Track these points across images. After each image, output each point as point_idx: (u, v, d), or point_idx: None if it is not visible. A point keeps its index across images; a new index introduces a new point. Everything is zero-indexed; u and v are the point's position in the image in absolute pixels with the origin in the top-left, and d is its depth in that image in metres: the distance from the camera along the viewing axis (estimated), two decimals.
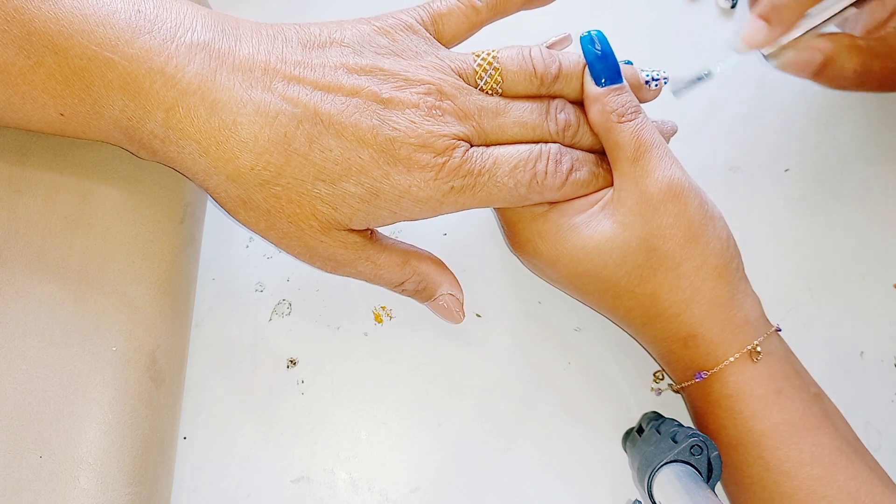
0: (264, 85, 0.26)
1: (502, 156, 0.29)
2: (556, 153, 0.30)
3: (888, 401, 0.37)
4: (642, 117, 0.31)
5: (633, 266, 0.30)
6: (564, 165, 0.30)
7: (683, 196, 0.30)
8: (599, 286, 0.31)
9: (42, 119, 0.26)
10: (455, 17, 0.31)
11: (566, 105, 0.31)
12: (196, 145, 0.26)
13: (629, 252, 0.30)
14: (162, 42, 0.25)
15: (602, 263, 0.30)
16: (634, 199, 0.30)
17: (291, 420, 0.34)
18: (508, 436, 0.34)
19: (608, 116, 0.31)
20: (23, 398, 0.26)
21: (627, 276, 0.30)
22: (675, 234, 0.30)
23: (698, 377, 0.31)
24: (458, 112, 0.29)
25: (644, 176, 0.30)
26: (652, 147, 0.30)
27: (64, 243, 0.28)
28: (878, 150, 0.42)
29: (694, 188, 0.31)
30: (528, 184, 0.29)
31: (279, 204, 0.28)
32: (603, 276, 0.31)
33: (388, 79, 0.28)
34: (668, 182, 0.30)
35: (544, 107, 0.31)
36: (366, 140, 0.27)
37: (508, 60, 0.30)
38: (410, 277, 0.31)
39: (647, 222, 0.30)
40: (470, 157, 0.28)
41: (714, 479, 0.30)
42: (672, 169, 0.30)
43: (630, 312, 0.32)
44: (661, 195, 0.30)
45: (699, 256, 0.30)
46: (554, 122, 0.31)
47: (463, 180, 0.28)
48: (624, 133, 0.30)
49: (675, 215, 0.30)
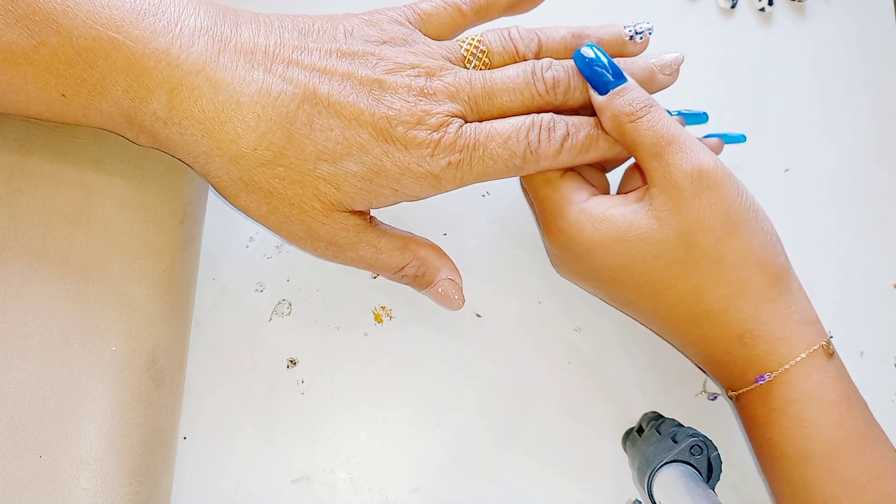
0: (265, 67, 0.27)
1: (495, 129, 0.29)
2: (549, 121, 0.30)
3: (888, 401, 0.37)
4: (655, 111, 0.30)
5: (673, 260, 0.29)
6: (559, 132, 0.30)
7: (717, 184, 0.29)
8: (637, 280, 0.30)
9: (43, 100, 0.26)
10: (440, 18, 0.31)
11: (552, 63, 0.31)
12: (199, 126, 0.26)
13: (667, 247, 0.29)
14: (166, 24, 0.26)
15: (640, 256, 0.30)
16: (666, 194, 0.29)
17: (291, 420, 0.34)
18: (508, 436, 0.34)
19: (619, 119, 0.30)
20: (22, 398, 0.26)
21: (667, 270, 0.30)
22: (713, 227, 0.29)
23: (760, 380, 0.29)
24: (448, 89, 0.29)
25: (671, 170, 0.29)
26: (673, 139, 0.29)
27: (64, 243, 0.28)
28: (878, 150, 0.42)
29: (727, 175, 0.29)
30: (523, 154, 0.29)
31: (281, 185, 0.28)
32: (640, 269, 0.30)
33: (379, 63, 0.29)
34: (698, 171, 0.29)
35: (529, 67, 0.31)
36: (363, 119, 0.28)
37: (494, 42, 0.31)
38: (410, 262, 0.32)
39: (683, 217, 0.29)
40: (464, 132, 0.29)
41: (714, 479, 0.30)
42: (700, 156, 0.29)
43: (672, 310, 0.31)
44: (692, 187, 0.29)
45: (742, 248, 0.29)
46: (542, 81, 0.30)
47: (459, 154, 0.29)
48: (639, 131, 0.30)
49: (711, 206, 0.29)
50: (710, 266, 0.29)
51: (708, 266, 0.29)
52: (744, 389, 0.30)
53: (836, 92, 0.43)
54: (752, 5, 0.44)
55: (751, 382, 0.30)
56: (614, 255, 0.30)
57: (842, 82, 0.43)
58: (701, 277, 0.29)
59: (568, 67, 0.31)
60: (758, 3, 0.44)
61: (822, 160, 0.41)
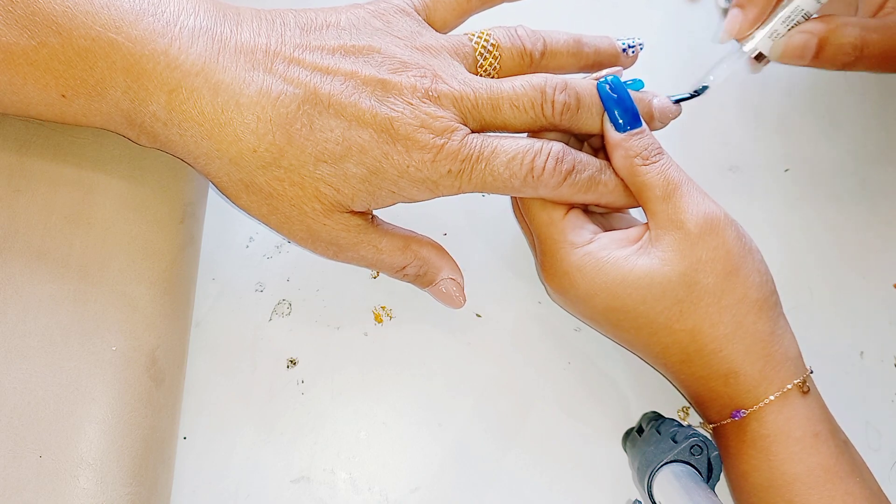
0: (266, 67, 0.27)
1: (501, 146, 0.29)
2: (559, 152, 0.30)
3: (888, 401, 0.37)
4: (666, 157, 0.31)
5: (673, 301, 0.30)
6: (565, 165, 0.30)
7: (721, 228, 0.30)
8: (636, 322, 0.31)
9: (43, 101, 0.26)
10: (446, 4, 0.31)
11: (567, 86, 0.31)
12: (198, 127, 0.26)
13: (669, 287, 0.29)
14: (165, 25, 0.26)
15: (640, 298, 0.30)
16: (671, 236, 0.30)
17: (291, 420, 0.34)
18: (508, 435, 0.34)
19: (632, 161, 0.31)
20: (23, 398, 0.26)
21: (666, 312, 0.30)
22: (714, 267, 0.29)
23: (736, 416, 0.30)
24: (453, 94, 0.29)
25: (678, 212, 0.30)
26: (681, 184, 0.30)
27: (64, 243, 0.28)
28: (878, 150, 0.42)
29: (730, 220, 0.30)
30: (524, 177, 0.29)
31: (282, 186, 0.28)
32: (640, 311, 0.30)
33: (384, 61, 0.28)
34: (705, 216, 0.30)
35: (541, 84, 0.30)
36: (365, 120, 0.27)
37: (503, 38, 0.31)
38: (411, 262, 0.31)
39: (686, 257, 0.29)
40: (468, 143, 0.29)
41: (714, 479, 0.30)
42: (705, 203, 0.30)
43: (667, 350, 0.31)
44: (698, 230, 0.29)
45: (740, 289, 0.30)
46: (550, 104, 0.30)
47: (460, 165, 0.28)
48: (651, 174, 0.30)
49: (713, 248, 0.29)
50: (708, 306, 0.30)
51: (706, 306, 0.30)
52: (720, 423, 0.31)
53: (837, 92, 0.43)
54: None
55: (727, 417, 0.31)
56: (615, 297, 0.30)
57: (842, 82, 0.43)
58: (698, 318, 0.30)
59: (581, 94, 0.31)
60: None
61: (822, 160, 0.41)
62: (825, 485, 0.28)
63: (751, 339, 0.30)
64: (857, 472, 0.29)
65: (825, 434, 0.29)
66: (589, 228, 0.32)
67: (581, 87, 0.31)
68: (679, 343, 0.30)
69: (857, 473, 0.29)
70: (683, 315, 0.30)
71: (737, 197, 0.39)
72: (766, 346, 0.30)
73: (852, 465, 0.29)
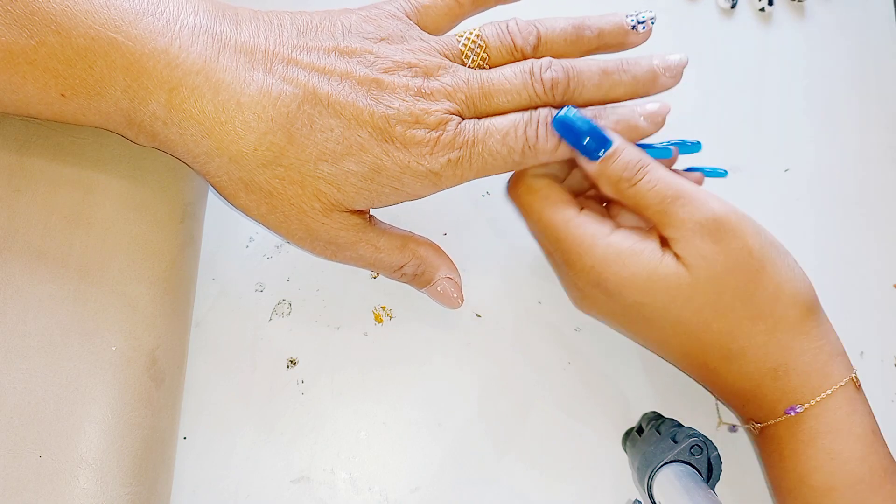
0: (265, 67, 0.27)
1: (493, 125, 0.29)
2: (546, 115, 0.30)
3: (888, 401, 0.37)
4: (652, 170, 0.30)
5: (703, 304, 0.29)
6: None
7: (733, 228, 0.29)
8: (669, 321, 0.30)
9: (42, 100, 0.26)
10: (438, 9, 0.31)
11: (552, 63, 0.30)
12: (199, 126, 0.26)
13: (696, 293, 0.29)
14: (165, 24, 0.26)
15: (670, 297, 0.29)
16: (683, 246, 0.29)
17: (291, 420, 0.34)
18: (508, 435, 0.34)
19: (617, 186, 0.30)
20: (22, 398, 0.26)
21: (699, 313, 0.29)
22: (739, 270, 0.29)
23: (790, 412, 0.29)
24: (446, 88, 0.29)
25: (684, 222, 0.29)
26: (678, 194, 0.29)
27: (64, 243, 0.28)
28: (878, 150, 0.42)
29: (741, 216, 0.29)
30: (522, 149, 0.30)
31: (281, 186, 0.28)
32: (671, 310, 0.29)
33: (377, 61, 0.29)
34: (712, 219, 0.29)
35: (528, 68, 0.30)
36: (363, 119, 0.28)
37: (491, 36, 0.31)
38: (409, 261, 0.32)
39: (708, 266, 0.29)
40: (462, 130, 0.29)
41: (714, 479, 0.30)
42: (710, 204, 0.29)
43: (708, 349, 0.30)
44: (711, 235, 0.29)
45: (772, 285, 0.29)
46: (539, 82, 0.30)
47: (458, 152, 0.29)
48: (641, 193, 0.30)
49: (732, 251, 0.29)
50: (743, 306, 0.29)
51: (742, 306, 0.29)
52: (771, 421, 0.30)
53: (837, 92, 0.43)
54: (752, 5, 0.44)
55: (780, 414, 0.29)
56: (644, 291, 0.29)
57: (842, 82, 0.43)
58: (735, 317, 0.29)
59: (568, 67, 0.31)
60: (758, 3, 0.44)
61: (822, 160, 0.41)
62: (885, 486, 0.28)
63: (795, 331, 0.29)
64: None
65: (879, 432, 0.29)
66: (608, 221, 0.31)
67: (568, 61, 0.31)
68: (719, 342, 0.30)
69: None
70: (720, 313, 0.29)
71: (737, 197, 0.39)
72: (814, 340, 0.29)
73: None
